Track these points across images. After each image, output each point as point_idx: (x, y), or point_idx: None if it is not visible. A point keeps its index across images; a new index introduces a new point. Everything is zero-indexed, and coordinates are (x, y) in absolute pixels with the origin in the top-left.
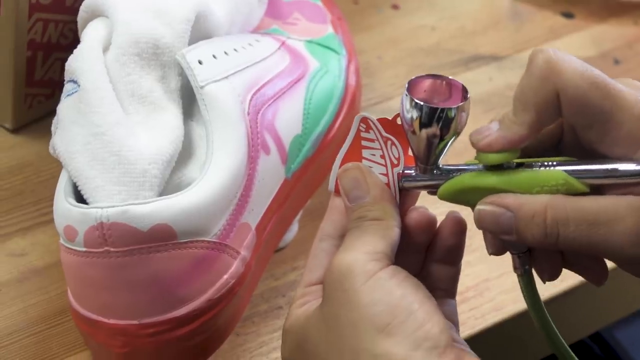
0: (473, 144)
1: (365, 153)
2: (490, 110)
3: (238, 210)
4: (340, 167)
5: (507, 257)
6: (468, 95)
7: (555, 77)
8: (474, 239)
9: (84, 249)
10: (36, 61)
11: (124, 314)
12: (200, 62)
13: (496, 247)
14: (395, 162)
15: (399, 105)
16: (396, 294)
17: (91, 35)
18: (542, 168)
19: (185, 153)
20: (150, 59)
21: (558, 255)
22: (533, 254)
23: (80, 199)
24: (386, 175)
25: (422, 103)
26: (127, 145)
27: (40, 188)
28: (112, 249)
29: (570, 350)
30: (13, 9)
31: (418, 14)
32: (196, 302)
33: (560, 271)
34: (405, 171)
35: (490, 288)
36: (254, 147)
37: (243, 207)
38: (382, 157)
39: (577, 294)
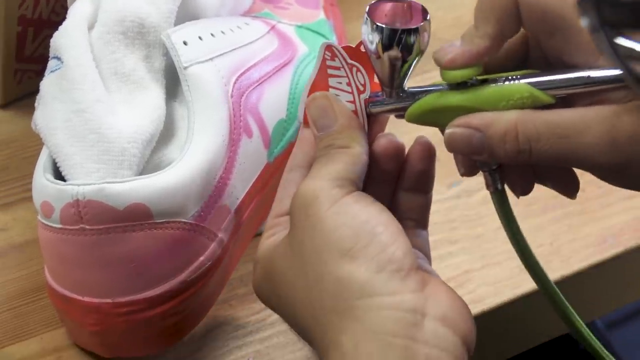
0: (436, 62)
1: (331, 81)
2: None
3: (217, 193)
4: (308, 96)
5: (490, 248)
6: (428, 16)
7: None
8: (456, 231)
9: (60, 226)
10: (27, 37)
11: (98, 292)
12: (185, 43)
13: (467, 167)
14: (362, 88)
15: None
16: (360, 218)
17: (77, 12)
18: (506, 82)
19: (166, 133)
20: (135, 37)
21: (529, 169)
22: (504, 170)
23: (60, 175)
24: (353, 102)
25: (382, 25)
26: (107, 123)
27: (25, 164)
28: (87, 227)
29: (543, 269)
30: None
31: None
32: (171, 282)
33: (533, 186)
34: (372, 97)
35: (471, 280)
36: (236, 130)
37: (222, 190)
38: (349, 84)
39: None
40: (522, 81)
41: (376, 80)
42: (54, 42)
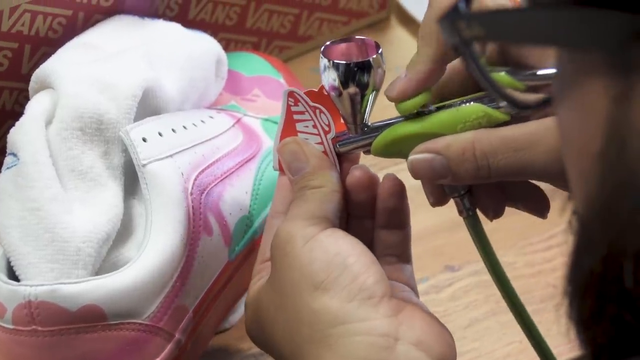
0: (389, 98)
1: (299, 126)
2: None
3: (174, 293)
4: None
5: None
6: (380, 50)
7: None
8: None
9: (12, 327)
10: None
11: None
12: (144, 140)
13: (436, 195)
14: (327, 128)
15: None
16: (332, 252)
17: (35, 107)
18: (461, 105)
19: (124, 231)
20: (93, 134)
21: (498, 191)
22: (475, 194)
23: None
24: (322, 143)
25: (337, 62)
26: (61, 222)
27: None
28: (39, 328)
29: (519, 298)
30: None
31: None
32: None
33: (504, 208)
34: (338, 136)
35: None
36: (195, 229)
37: (180, 289)
38: (315, 126)
39: None
40: (477, 102)
41: (342, 121)
42: (10, 138)
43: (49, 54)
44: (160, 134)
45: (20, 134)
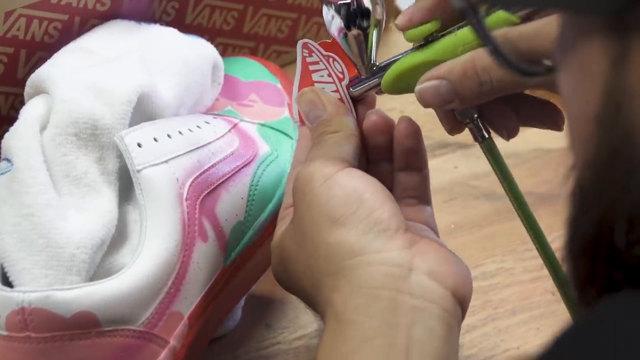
0: (397, 26)
1: (314, 76)
2: (452, 199)
3: (169, 299)
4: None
5: None
6: None
7: None
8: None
9: (6, 333)
10: None
11: None
12: (139, 145)
13: (450, 123)
14: (341, 76)
15: None
16: (348, 188)
17: (29, 113)
18: (459, 30)
19: (119, 237)
20: (88, 139)
21: (510, 111)
22: (487, 117)
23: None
24: (337, 91)
25: (337, 3)
26: (56, 228)
27: None
28: (33, 335)
29: (534, 216)
30: None
31: (387, 97)
32: None
33: (518, 128)
34: (351, 81)
35: None
36: (190, 234)
37: (174, 296)
38: (329, 75)
39: None
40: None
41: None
42: (4, 144)
43: (45, 59)
44: (155, 140)
45: (15, 139)
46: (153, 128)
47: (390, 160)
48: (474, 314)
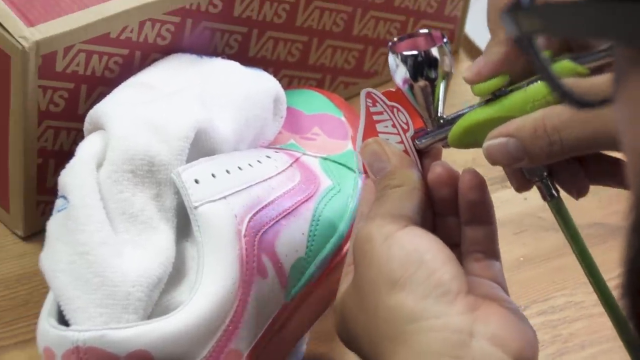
0: (465, 80)
1: (378, 127)
2: (521, 231)
3: (227, 337)
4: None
5: None
6: (446, 39)
7: None
8: None
9: None
10: (48, 169)
11: None
12: (196, 181)
13: (518, 180)
14: (405, 127)
15: None
16: (409, 248)
17: (85, 150)
18: (529, 85)
19: (177, 275)
20: (144, 176)
21: (579, 169)
22: (556, 176)
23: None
24: (402, 142)
25: (405, 54)
26: (111, 266)
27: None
28: None
29: (606, 283)
30: (21, 118)
31: None
32: None
33: (588, 186)
34: (417, 132)
35: None
36: (249, 271)
37: (233, 333)
38: (394, 126)
39: None
40: (542, 81)
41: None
42: (60, 181)
43: (106, 94)
44: (213, 175)
45: (70, 176)
46: (211, 164)
47: (457, 213)
48: (543, 348)
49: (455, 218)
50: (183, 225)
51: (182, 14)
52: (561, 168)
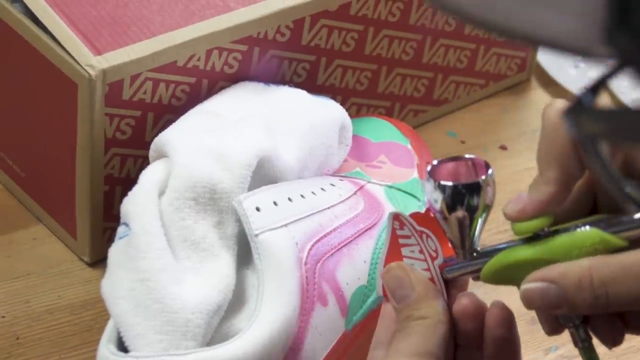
0: (506, 216)
1: (404, 251)
2: None
3: None
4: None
5: None
6: (491, 170)
7: None
8: None
9: None
10: (114, 196)
11: None
12: (257, 209)
13: (551, 325)
14: (434, 254)
15: None
16: None
17: (147, 177)
18: (577, 229)
19: (237, 302)
20: (206, 204)
21: (616, 318)
22: (591, 323)
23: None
24: (428, 269)
25: (444, 183)
26: (171, 293)
27: None
28: None
29: None
30: (88, 145)
31: (525, 156)
32: None
33: (623, 335)
34: (446, 261)
35: None
36: (309, 299)
37: None
38: (421, 251)
39: None
40: (593, 227)
41: (449, 245)
42: (123, 208)
43: (173, 121)
44: (275, 203)
45: (132, 204)
46: (273, 192)
47: (481, 346)
48: None
49: (479, 352)
50: (244, 252)
51: (250, 42)
52: (599, 317)
